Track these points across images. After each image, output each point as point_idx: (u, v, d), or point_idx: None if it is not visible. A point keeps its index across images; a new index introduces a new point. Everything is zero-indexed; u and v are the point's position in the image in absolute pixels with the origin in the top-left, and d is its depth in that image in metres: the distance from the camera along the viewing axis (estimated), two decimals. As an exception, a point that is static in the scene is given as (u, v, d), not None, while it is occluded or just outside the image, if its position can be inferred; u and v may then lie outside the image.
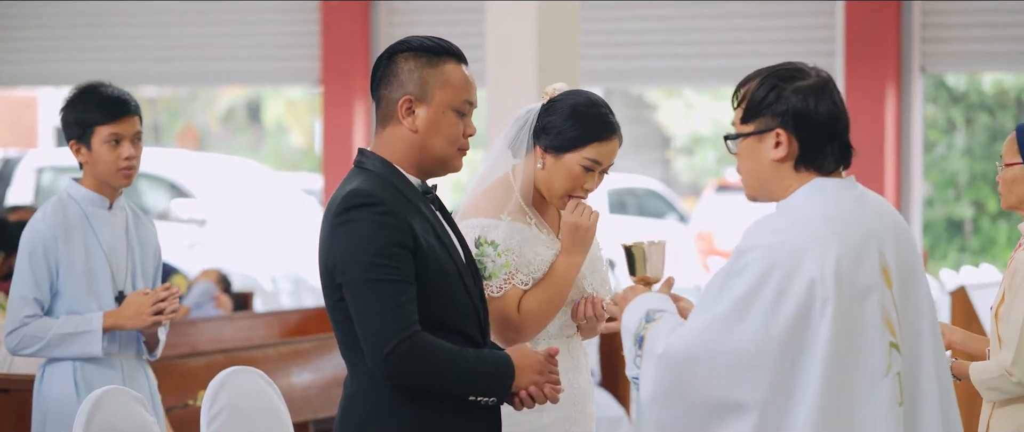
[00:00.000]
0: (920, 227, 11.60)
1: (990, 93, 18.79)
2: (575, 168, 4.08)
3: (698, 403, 3.23)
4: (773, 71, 3.39)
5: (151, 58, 13.31)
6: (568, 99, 4.12)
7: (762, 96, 3.35)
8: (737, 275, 3.23)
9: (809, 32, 11.42)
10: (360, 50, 12.54)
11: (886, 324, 3.26)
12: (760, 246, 3.24)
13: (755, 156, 3.36)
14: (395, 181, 3.51)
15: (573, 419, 4.11)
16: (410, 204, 3.49)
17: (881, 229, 3.33)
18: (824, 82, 3.37)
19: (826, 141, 3.33)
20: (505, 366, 3.49)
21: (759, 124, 3.35)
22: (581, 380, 4.15)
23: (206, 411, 4.65)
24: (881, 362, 3.25)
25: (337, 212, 3.43)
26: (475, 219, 4.02)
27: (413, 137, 3.54)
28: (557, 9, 7.38)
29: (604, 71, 11.92)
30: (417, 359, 3.37)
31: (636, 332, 3.38)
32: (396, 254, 3.39)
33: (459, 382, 3.44)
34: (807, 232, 3.25)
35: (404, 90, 3.53)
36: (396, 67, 3.56)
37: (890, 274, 3.30)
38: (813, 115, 3.32)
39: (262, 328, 8.08)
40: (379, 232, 3.38)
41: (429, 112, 3.53)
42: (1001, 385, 4.15)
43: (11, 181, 15.70)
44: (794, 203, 3.32)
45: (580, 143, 4.08)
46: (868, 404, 3.23)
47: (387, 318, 3.36)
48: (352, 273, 3.38)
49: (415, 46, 3.56)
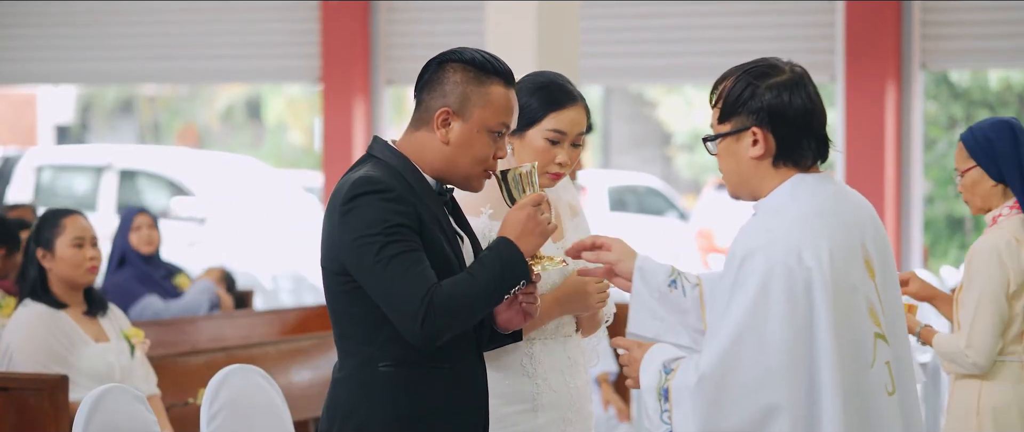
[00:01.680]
0: (920, 224, 11.59)
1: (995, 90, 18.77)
2: (539, 142, 4.01)
3: (743, 417, 3.22)
4: (747, 69, 3.39)
5: (151, 56, 13.30)
6: (525, 79, 4.08)
7: (737, 95, 3.35)
8: (742, 285, 3.23)
9: (809, 28, 11.42)
10: (360, 48, 12.53)
11: (871, 315, 3.29)
12: (757, 249, 3.25)
13: (734, 155, 3.37)
14: (408, 175, 3.51)
15: (570, 420, 4.09)
16: (420, 196, 3.49)
17: (861, 222, 3.36)
18: (797, 77, 3.36)
19: (802, 136, 3.33)
20: (508, 252, 3.46)
21: (735, 123, 3.36)
22: (578, 381, 4.13)
23: (206, 409, 4.66)
24: (868, 353, 3.27)
25: (344, 200, 3.44)
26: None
27: (443, 149, 3.54)
28: (557, 8, 7.38)
29: (604, 69, 11.91)
30: (445, 312, 3.37)
31: (658, 387, 3.36)
32: (403, 233, 3.40)
33: (489, 299, 3.44)
34: (800, 228, 3.26)
35: (445, 101, 3.53)
36: (443, 75, 3.54)
37: (872, 266, 3.33)
38: (788, 111, 3.32)
39: (262, 326, 8.08)
40: (385, 215, 3.40)
41: (464, 129, 3.53)
42: (960, 361, 4.55)
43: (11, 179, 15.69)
44: (779, 201, 3.33)
45: (539, 115, 4.02)
46: (866, 393, 3.26)
47: (407, 290, 3.36)
48: (365, 258, 3.39)
49: (467, 59, 3.55)
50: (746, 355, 3.20)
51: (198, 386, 5.48)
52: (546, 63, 7.06)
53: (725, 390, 3.21)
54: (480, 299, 3.43)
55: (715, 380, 3.22)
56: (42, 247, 5.50)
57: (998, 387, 4.54)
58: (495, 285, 3.44)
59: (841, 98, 11.20)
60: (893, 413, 3.29)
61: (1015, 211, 4.60)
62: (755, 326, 3.20)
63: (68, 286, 5.50)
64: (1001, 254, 4.53)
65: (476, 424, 3.60)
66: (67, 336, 5.41)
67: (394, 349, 3.47)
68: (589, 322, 4.19)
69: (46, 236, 5.51)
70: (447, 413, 3.51)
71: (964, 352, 4.52)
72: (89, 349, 5.41)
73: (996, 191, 4.62)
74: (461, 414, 3.55)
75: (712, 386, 3.22)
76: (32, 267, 5.51)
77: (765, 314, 3.20)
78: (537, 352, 4.05)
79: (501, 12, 7.34)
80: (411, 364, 3.47)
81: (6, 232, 7.09)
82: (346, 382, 3.51)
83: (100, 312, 5.58)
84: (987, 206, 4.65)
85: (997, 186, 4.61)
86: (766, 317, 3.20)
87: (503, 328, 3.66)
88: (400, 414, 3.47)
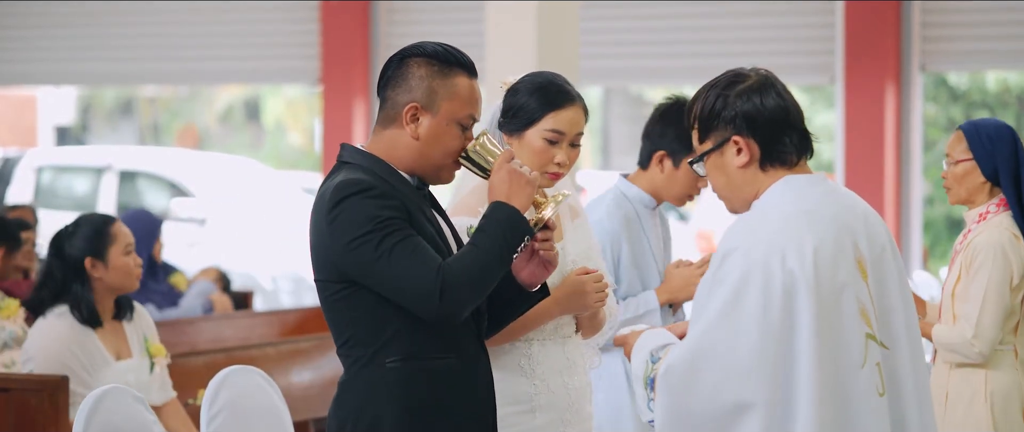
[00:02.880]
0: (920, 226, 11.58)
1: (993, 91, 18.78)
2: (537, 142, 4.04)
3: (707, 412, 3.24)
4: (712, 84, 3.42)
5: (151, 57, 13.30)
6: (524, 80, 4.11)
7: (709, 109, 3.38)
8: (721, 283, 3.25)
9: (809, 29, 11.42)
10: (360, 49, 12.53)
11: (862, 316, 3.30)
12: (739, 248, 3.27)
13: (722, 169, 3.40)
14: (383, 173, 3.51)
15: (569, 420, 4.09)
16: (403, 192, 3.49)
17: (854, 222, 3.36)
18: (763, 78, 3.38)
19: (782, 134, 3.35)
20: (502, 212, 3.45)
21: (715, 137, 3.38)
22: (577, 381, 4.13)
23: (206, 410, 4.66)
24: (858, 354, 3.27)
25: (329, 207, 3.43)
26: (457, 218, 4.01)
27: (413, 144, 3.54)
28: (557, 9, 7.38)
29: (604, 70, 11.91)
30: (461, 284, 3.37)
31: (645, 376, 3.39)
32: (396, 223, 3.40)
33: (499, 262, 3.43)
34: (783, 228, 3.27)
35: (411, 96, 3.53)
36: (407, 71, 3.55)
37: (865, 266, 3.33)
38: (763, 112, 3.34)
39: (262, 327, 8.08)
40: (374, 212, 3.39)
41: (433, 122, 3.53)
42: (965, 351, 4.67)
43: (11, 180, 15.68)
44: (768, 201, 3.35)
45: (536, 115, 4.05)
46: (852, 395, 3.26)
47: (418, 272, 3.36)
48: (365, 256, 3.38)
49: (428, 52, 3.55)
50: (716, 351, 3.21)
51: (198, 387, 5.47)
52: (546, 63, 7.06)
53: (692, 383, 3.23)
54: (491, 265, 3.41)
55: (681, 372, 3.23)
56: (93, 256, 5.33)
57: (996, 374, 4.71)
58: (501, 246, 3.42)
59: (840, 100, 11.20)
60: (882, 415, 3.29)
61: (1003, 208, 4.77)
62: (727, 324, 3.21)
63: (113, 294, 5.41)
64: (1005, 248, 4.69)
65: (485, 414, 3.60)
66: (90, 356, 5.32)
67: (399, 344, 3.46)
68: (589, 323, 4.19)
69: (97, 245, 5.34)
70: (456, 404, 3.51)
71: (971, 342, 4.66)
72: (109, 370, 5.34)
73: (983, 188, 4.79)
74: (470, 405, 3.55)
75: (677, 378, 3.24)
76: (72, 276, 5.33)
77: (739, 313, 3.21)
78: (535, 353, 4.05)
79: (501, 12, 7.34)
80: (418, 358, 3.47)
81: (6, 232, 7.09)
82: (351, 384, 3.51)
83: (128, 316, 5.52)
84: (969, 199, 4.82)
85: (985, 183, 4.78)
86: (739, 316, 3.21)
87: (529, 285, 3.63)
88: (410, 408, 3.46)
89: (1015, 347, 4.75)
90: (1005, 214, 4.77)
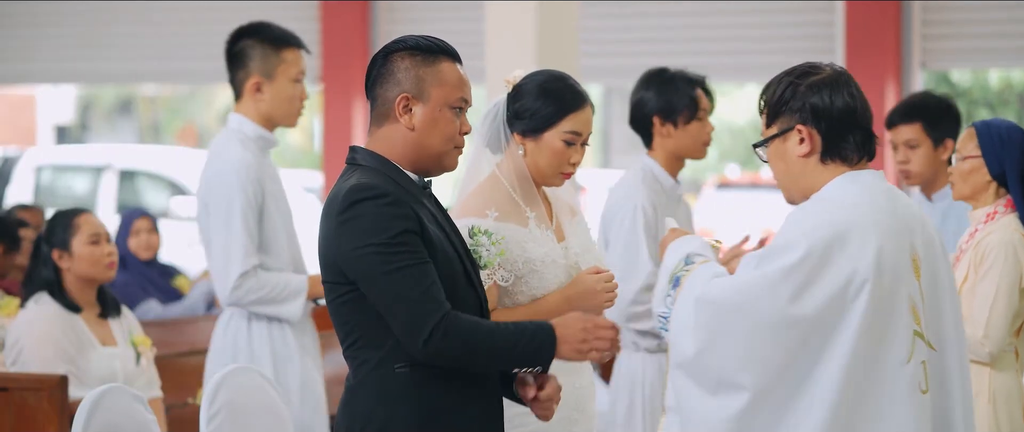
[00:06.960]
0: (920, 224, 11.59)
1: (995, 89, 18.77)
2: (557, 144, 4.08)
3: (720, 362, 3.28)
4: (788, 71, 3.46)
5: (150, 56, 13.29)
6: (532, 80, 4.13)
7: (779, 96, 3.43)
8: (780, 251, 3.28)
9: (809, 28, 11.40)
10: (359, 48, 12.53)
11: (912, 313, 3.33)
12: (806, 233, 3.29)
13: (783, 156, 3.43)
14: (393, 175, 3.51)
15: (574, 419, 4.10)
16: (411, 195, 3.50)
17: (912, 221, 3.41)
18: (838, 74, 3.42)
19: (847, 131, 3.39)
20: (544, 337, 3.45)
21: (781, 124, 3.43)
22: (582, 381, 4.14)
23: (206, 410, 4.65)
24: (904, 349, 3.30)
25: (342, 209, 3.43)
26: (463, 219, 4.02)
27: (410, 135, 3.54)
28: (557, 8, 7.37)
29: (604, 69, 11.90)
30: (455, 338, 3.37)
31: (673, 272, 3.44)
32: (409, 240, 3.40)
33: (499, 358, 3.44)
34: (852, 219, 3.31)
35: (401, 88, 3.54)
36: (392, 66, 3.56)
37: (919, 265, 3.38)
38: (830, 107, 3.38)
39: (262, 327, 8.05)
40: (388, 222, 3.39)
41: (426, 110, 3.54)
42: (974, 350, 4.64)
43: (10, 180, 15.68)
44: (833, 193, 3.38)
45: (555, 118, 4.09)
46: (890, 390, 3.28)
47: (419, 303, 3.36)
48: (370, 267, 3.38)
49: (410, 45, 3.57)
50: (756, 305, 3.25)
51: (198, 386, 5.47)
52: (546, 63, 7.04)
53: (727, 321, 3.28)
54: (495, 352, 3.42)
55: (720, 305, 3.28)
56: (58, 248, 5.47)
57: (999, 374, 4.72)
58: (513, 354, 3.43)
59: (841, 98, 11.19)
60: (923, 412, 3.31)
61: (1010, 209, 4.78)
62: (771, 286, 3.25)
63: (86, 285, 5.49)
64: (1016, 249, 4.69)
65: (494, 419, 3.60)
66: (77, 337, 5.41)
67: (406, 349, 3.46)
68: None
69: (61, 237, 5.48)
70: (465, 410, 3.51)
71: (981, 341, 4.65)
72: (96, 353, 5.42)
73: (988, 187, 4.81)
74: (479, 410, 3.55)
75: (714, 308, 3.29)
76: (45, 269, 5.47)
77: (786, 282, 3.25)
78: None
79: (501, 12, 7.33)
80: (425, 363, 3.46)
81: (6, 230, 7.08)
82: (361, 388, 3.50)
83: (113, 314, 5.57)
84: (974, 197, 4.83)
85: (991, 182, 4.80)
86: (785, 284, 3.25)
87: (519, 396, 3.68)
88: (420, 413, 3.46)
89: (1016, 348, 4.77)
90: (1013, 215, 4.78)
